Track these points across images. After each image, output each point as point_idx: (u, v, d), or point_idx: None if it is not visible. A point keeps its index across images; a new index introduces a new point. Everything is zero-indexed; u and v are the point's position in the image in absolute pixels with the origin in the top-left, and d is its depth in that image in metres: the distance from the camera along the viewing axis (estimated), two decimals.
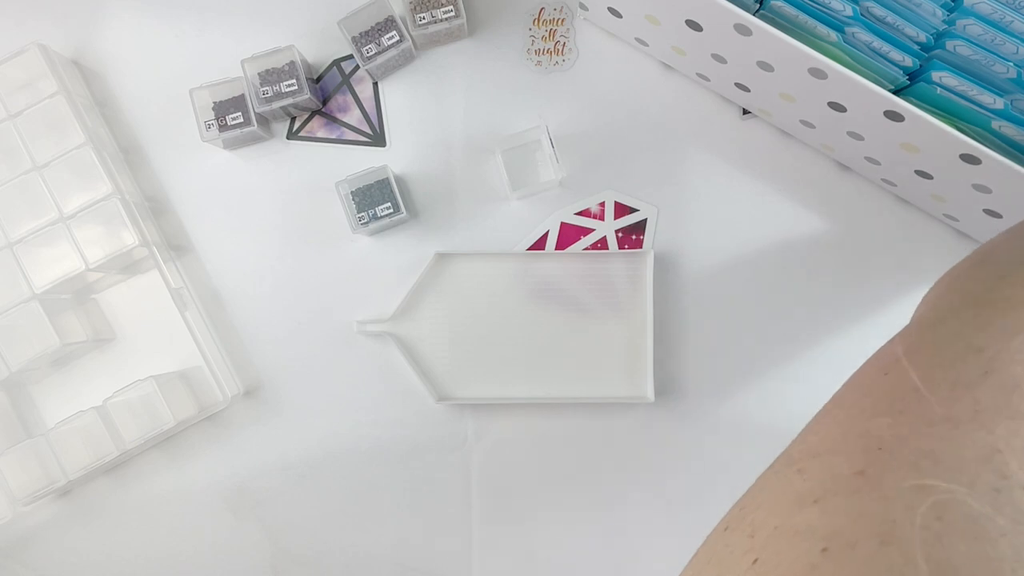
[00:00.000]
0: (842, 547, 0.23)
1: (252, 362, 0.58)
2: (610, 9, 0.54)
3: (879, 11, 0.47)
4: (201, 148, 0.59)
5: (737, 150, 0.58)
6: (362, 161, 0.59)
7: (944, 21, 0.47)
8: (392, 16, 0.57)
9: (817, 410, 0.59)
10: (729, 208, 0.58)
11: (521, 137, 0.57)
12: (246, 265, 0.59)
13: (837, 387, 0.58)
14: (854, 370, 0.58)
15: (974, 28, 0.46)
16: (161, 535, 0.58)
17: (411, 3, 0.57)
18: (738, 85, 0.54)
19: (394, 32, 0.57)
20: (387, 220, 0.56)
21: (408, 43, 0.57)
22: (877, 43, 0.47)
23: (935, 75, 0.46)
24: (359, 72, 0.60)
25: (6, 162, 0.56)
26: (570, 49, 0.59)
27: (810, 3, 0.47)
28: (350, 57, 0.60)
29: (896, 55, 0.47)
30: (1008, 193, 0.46)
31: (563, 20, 0.59)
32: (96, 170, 0.55)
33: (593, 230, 0.58)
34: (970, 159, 0.45)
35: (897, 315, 0.57)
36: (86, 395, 0.56)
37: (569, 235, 0.58)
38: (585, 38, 0.59)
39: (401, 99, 0.60)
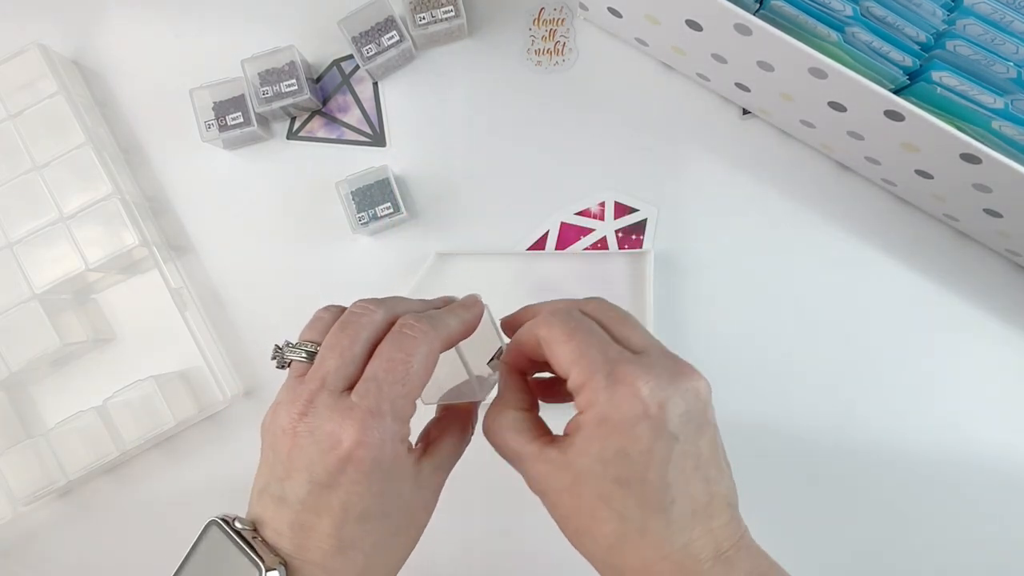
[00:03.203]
0: None
1: (252, 362, 0.58)
2: (610, 9, 0.54)
3: (879, 11, 0.47)
4: (201, 148, 0.59)
5: (737, 150, 0.58)
6: (362, 161, 0.59)
7: (944, 21, 0.47)
8: (392, 16, 0.57)
9: (814, 410, 0.59)
10: (729, 208, 0.58)
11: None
12: (246, 265, 0.59)
13: (836, 387, 0.58)
14: (852, 368, 0.59)
15: (974, 28, 0.46)
16: (161, 535, 0.57)
17: (411, 3, 0.57)
18: (738, 85, 0.54)
19: (394, 32, 0.57)
20: (387, 220, 0.56)
21: (408, 43, 0.57)
22: (877, 43, 0.47)
23: (935, 75, 0.46)
24: (359, 72, 0.60)
25: (6, 162, 0.56)
26: (570, 49, 0.59)
27: (810, 3, 0.47)
28: (350, 57, 0.60)
29: (896, 55, 0.47)
30: (1008, 193, 0.46)
31: (563, 20, 0.59)
32: (96, 170, 0.56)
33: (593, 230, 0.58)
34: (970, 158, 0.45)
35: (896, 315, 0.57)
36: (86, 395, 0.56)
37: (569, 235, 0.58)
38: (585, 38, 0.59)
39: (401, 99, 0.60)
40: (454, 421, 0.39)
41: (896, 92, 0.46)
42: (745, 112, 0.58)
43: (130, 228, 0.55)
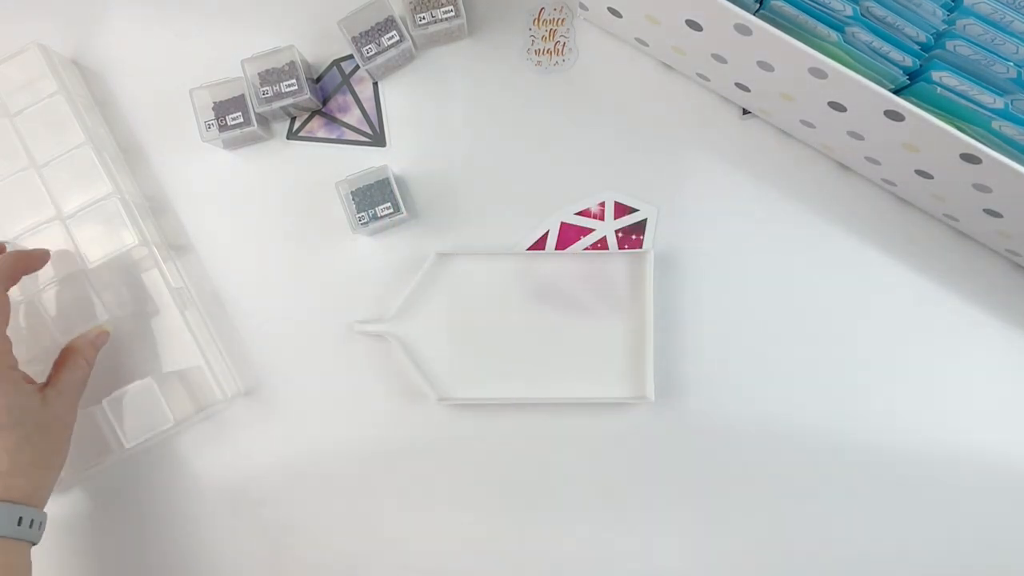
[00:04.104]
0: None
1: (252, 362, 0.58)
2: (610, 9, 0.54)
3: (879, 11, 0.47)
4: (201, 148, 0.59)
5: (737, 150, 0.58)
6: (362, 161, 0.59)
7: (944, 21, 0.47)
8: (392, 16, 0.57)
9: (815, 410, 0.59)
10: (729, 208, 0.58)
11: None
12: (246, 265, 0.59)
13: (837, 387, 0.58)
14: (853, 368, 0.59)
15: (974, 28, 0.46)
16: (161, 535, 0.58)
17: (411, 3, 0.57)
18: (738, 85, 0.54)
19: (394, 32, 0.57)
20: (387, 220, 0.56)
21: (408, 43, 0.57)
22: (877, 43, 0.47)
23: (935, 75, 0.46)
24: (359, 72, 0.60)
25: (6, 162, 0.56)
26: (570, 49, 0.59)
27: (810, 3, 0.47)
28: (350, 57, 0.60)
29: (896, 55, 0.47)
30: (1008, 193, 0.46)
31: (563, 20, 0.60)
32: (96, 170, 0.56)
33: (593, 230, 0.58)
34: (970, 159, 0.45)
35: (896, 315, 0.57)
36: (85, 394, 0.56)
37: (569, 235, 0.58)
38: (585, 38, 0.59)
39: (401, 99, 0.60)
40: (65, 358, 0.52)
41: (896, 92, 0.46)
42: (745, 112, 0.58)
43: (130, 228, 0.55)
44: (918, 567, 0.55)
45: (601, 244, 0.58)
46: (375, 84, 0.60)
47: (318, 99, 0.59)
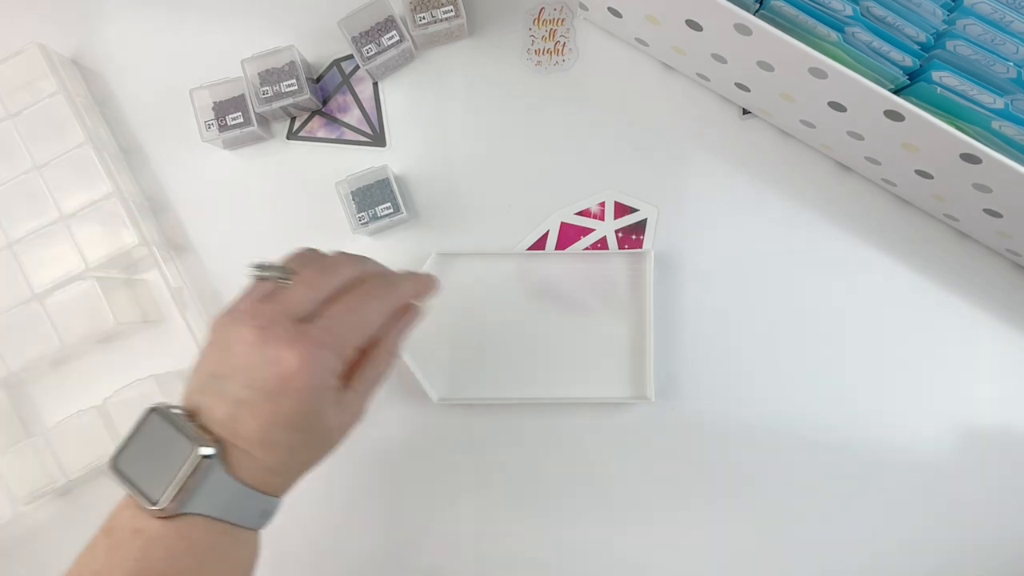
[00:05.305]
0: None
1: None
2: (610, 9, 0.54)
3: (879, 11, 0.47)
4: (201, 148, 0.59)
5: (737, 150, 0.58)
6: (362, 161, 0.59)
7: (944, 21, 0.47)
8: (392, 16, 0.57)
9: (815, 411, 0.59)
10: (729, 208, 0.58)
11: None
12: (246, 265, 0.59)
13: (836, 386, 0.58)
14: (852, 368, 0.59)
15: (974, 28, 0.46)
16: None
17: (411, 3, 0.57)
18: (738, 85, 0.54)
19: (394, 32, 0.57)
20: (387, 220, 0.56)
21: (408, 43, 0.57)
22: (877, 43, 0.47)
23: (935, 75, 0.46)
24: (359, 72, 0.60)
25: (6, 162, 0.56)
26: (570, 49, 0.59)
27: (810, 3, 0.47)
28: (350, 57, 0.60)
29: (896, 55, 0.47)
30: (1008, 193, 0.46)
31: (563, 20, 0.60)
32: (96, 169, 0.56)
33: (593, 230, 0.58)
34: (970, 159, 0.45)
35: (896, 315, 0.57)
36: (86, 394, 0.56)
37: (569, 235, 0.58)
38: (585, 38, 0.59)
39: (401, 99, 0.60)
40: (369, 351, 0.44)
41: (896, 92, 0.46)
42: (745, 112, 0.58)
43: (130, 228, 0.55)
44: (918, 564, 0.55)
45: (601, 244, 0.58)
46: (375, 84, 0.60)
47: (318, 99, 0.59)
